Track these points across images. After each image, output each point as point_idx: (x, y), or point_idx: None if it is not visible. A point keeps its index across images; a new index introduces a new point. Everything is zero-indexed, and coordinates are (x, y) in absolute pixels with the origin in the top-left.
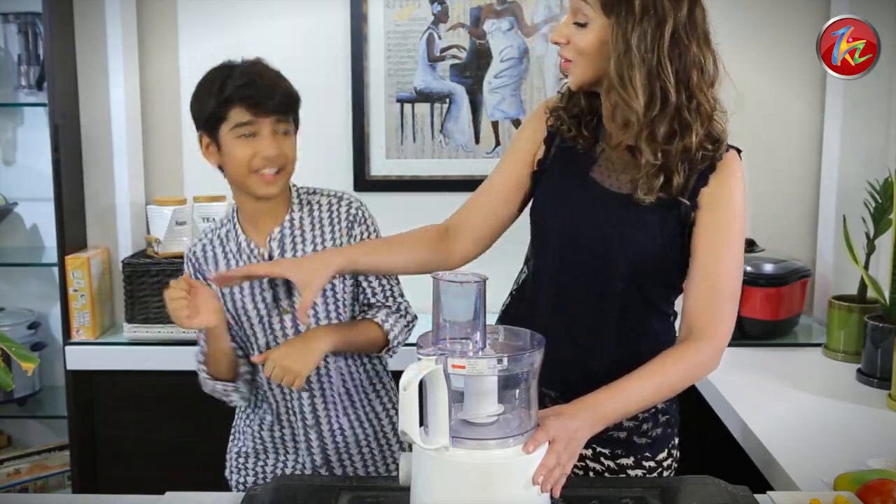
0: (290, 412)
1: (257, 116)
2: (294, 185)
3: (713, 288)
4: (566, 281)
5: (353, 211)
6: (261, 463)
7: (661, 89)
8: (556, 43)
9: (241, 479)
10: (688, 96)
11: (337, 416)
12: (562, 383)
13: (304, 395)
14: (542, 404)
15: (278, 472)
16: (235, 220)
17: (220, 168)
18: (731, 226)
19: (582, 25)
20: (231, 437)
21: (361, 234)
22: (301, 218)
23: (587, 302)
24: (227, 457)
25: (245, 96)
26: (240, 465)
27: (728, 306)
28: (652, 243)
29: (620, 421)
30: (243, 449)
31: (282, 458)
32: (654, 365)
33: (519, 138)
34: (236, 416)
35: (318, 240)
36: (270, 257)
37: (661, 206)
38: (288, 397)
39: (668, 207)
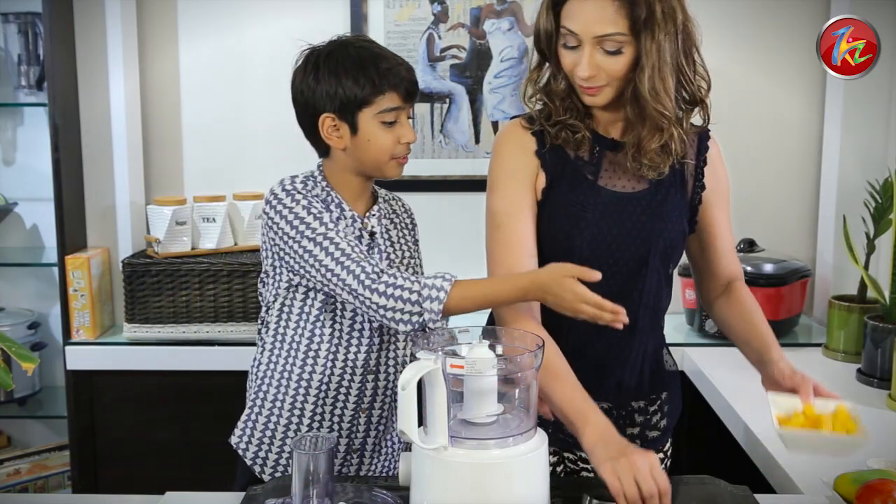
0: (347, 390)
1: (406, 102)
2: None
3: (732, 248)
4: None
5: (410, 210)
6: (279, 434)
7: (687, 84)
8: (588, 78)
9: (250, 443)
10: (697, 79)
11: (391, 404)
12: (610, 391)
13: (374, 374)
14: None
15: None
16: (330, 189)
17: (342, 149)
18: (728, 195)
19: (613, 53)
20: (249, 407)
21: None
22: (387, 201)
23: (624, 305)
24: (242, 425)
25: (401, 81)
26: (249, 427)
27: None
28: (675, 231)
29: (633, 417)
30: (266, 415)
31: (304, 430)
32: (757, 317)
33: (514, 178)
34: (256, 388)
35: (398, 220)
36: (372, 232)
37: (674, 191)
38: (363, 377)
39: (680, 193)
